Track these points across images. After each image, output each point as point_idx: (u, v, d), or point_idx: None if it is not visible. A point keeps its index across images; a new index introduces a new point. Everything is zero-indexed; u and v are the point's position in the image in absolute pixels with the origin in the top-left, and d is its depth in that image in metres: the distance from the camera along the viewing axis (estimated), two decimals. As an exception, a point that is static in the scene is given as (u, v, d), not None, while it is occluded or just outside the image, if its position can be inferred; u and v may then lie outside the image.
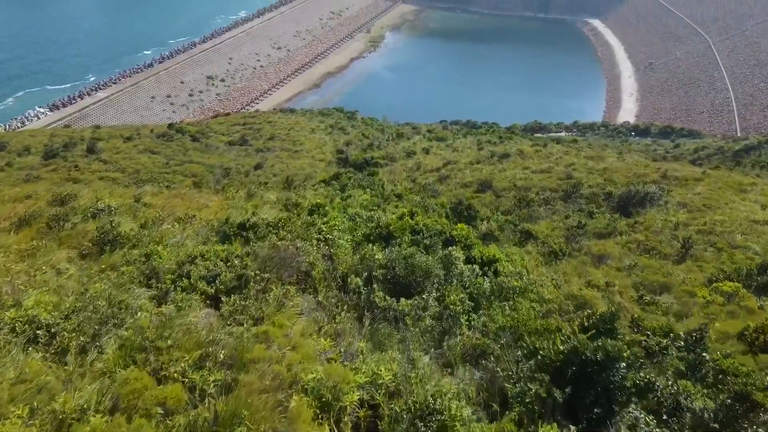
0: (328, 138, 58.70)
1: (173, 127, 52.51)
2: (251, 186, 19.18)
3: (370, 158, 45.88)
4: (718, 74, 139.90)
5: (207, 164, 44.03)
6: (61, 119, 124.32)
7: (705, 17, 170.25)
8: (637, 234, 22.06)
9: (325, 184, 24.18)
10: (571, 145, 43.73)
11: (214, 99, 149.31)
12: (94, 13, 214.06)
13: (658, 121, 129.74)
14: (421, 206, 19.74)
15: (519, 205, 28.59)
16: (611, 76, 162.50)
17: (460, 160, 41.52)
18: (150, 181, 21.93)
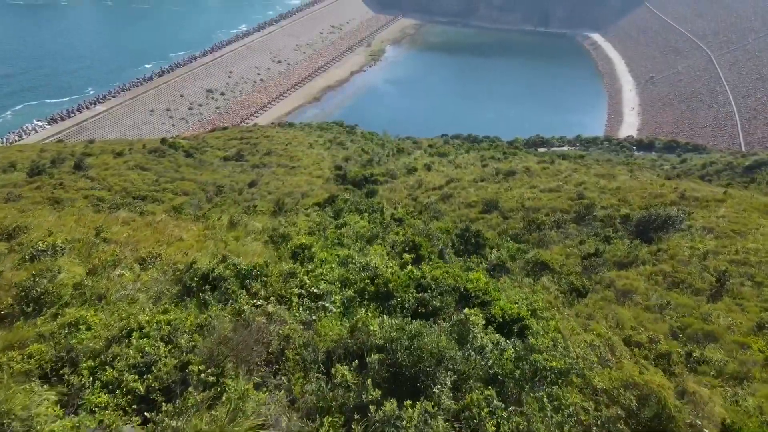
0: (326, 153, 56.71)
1: (166, 142, 50.55)
2: (235, 213, 17.06)
3: (369, 175, 43.84)
4: (720, 88, 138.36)
5: (199, 181, 41.98)
6: (59, 133, 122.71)
7: (706, 31, 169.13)
8: (662, 264, 19.90)
9: (319, 208, 22.12)
10: (579, 162, 41.72)
11: (214, 112, 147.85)
12: (96, 28, 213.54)
13: (661, 135, 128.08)
14: (424, 235, 17.63)
15: (529, 228, 26.46)
16: (612, 89, 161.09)
17: (463, 178, 39.45)
18: (126, 205, 19.94)
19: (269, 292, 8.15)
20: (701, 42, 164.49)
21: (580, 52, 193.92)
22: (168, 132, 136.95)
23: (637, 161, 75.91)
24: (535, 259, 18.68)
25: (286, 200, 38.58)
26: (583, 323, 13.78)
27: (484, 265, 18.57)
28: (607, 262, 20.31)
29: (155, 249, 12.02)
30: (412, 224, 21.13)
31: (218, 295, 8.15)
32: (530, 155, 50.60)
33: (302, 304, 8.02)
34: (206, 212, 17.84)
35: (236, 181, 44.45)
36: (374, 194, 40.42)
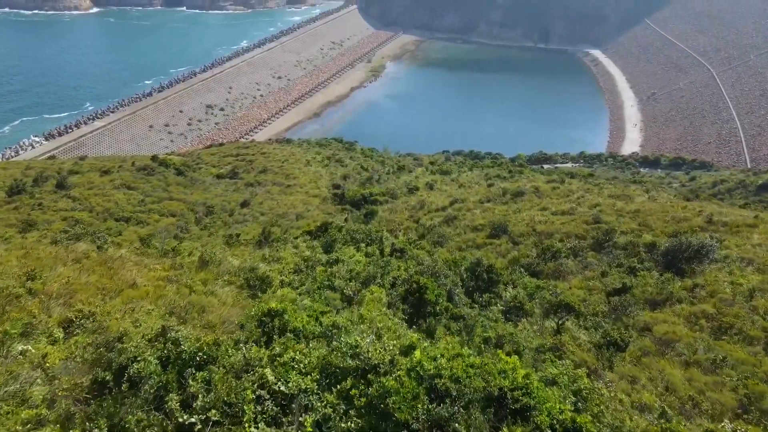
0: (324, 171, 54.22)
1: (156, 160, 48.08)
2: (211, 247, 14.39)
3: (368, 195, 41.29)
4: (723, 104, 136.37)
5: (188, 201, 39.41)
6: (57, 148, 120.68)
7: (707, 48, 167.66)
8: (702, 303, 17.23)
9: (311, 237, 19.53)
10: (590, 182, 39.20)
11: (213, 128, 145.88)
12: (98, 44, 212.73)
13: (664, 152, 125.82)
14: (429, 273, 15.04)
15: (543, 257, 23.79)
16: (614, 105, 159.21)
17: (468, 198, 36.87)
18: (89, 234, 17.42)
19: (212, 399, 5.54)
20: (702, 58, 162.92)
21: (580, 68, 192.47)
22: (166, 148, 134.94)
23: (644, 178, 73.43)
24: (558, 300, 16.03)
25: (280, 222, 35.99)
26: (626, 388, 11.10)
27: (500, 307, 15.92)
28: (638, 301, 17.63)
29: (93, 303, 9.40)
30: (415, 256, 18.51)
31: (140, 400, 5.53)
32: (537, 174, 48.06)
33: (261, 413, 5.41)
34: (177, 246, 15.26)
35: (228, 200, 41.89)
36: (373, 215, 37.85)
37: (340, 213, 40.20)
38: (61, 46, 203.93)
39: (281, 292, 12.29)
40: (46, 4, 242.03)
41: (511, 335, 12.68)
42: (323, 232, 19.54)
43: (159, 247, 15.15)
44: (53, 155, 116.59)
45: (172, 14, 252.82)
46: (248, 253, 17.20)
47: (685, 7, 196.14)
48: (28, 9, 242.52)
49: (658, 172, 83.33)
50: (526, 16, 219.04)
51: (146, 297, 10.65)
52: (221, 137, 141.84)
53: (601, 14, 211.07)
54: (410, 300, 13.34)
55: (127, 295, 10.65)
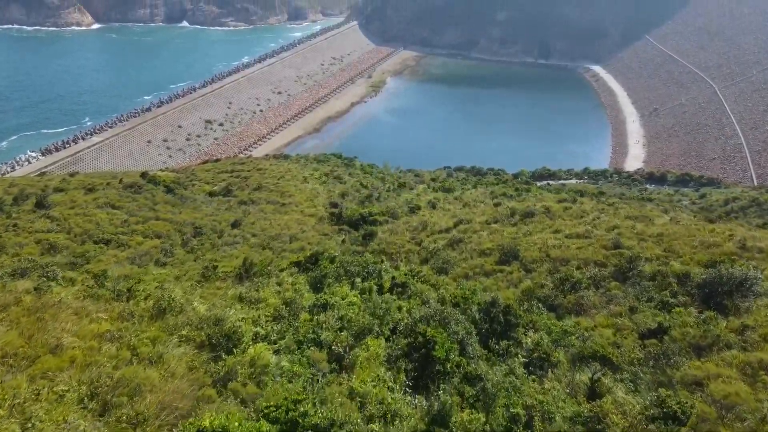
0: (321, 188, 51.69)
1: (146, 177, 45.58)
2: (167, 292, 11.69)
3: (367, 214, 38.68)
4: (727, 120, 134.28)
5: (176, 221, 36.79)
6: (54, 164, 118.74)
7: (708, 63, 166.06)
8: (758, 351, 14.52)
9: (299, 269, 16.91)
10: (603, 201, 36.65)
11: (212, 143, 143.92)
12: (99, 59, 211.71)
13: (668, 167, 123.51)
14: (437, 320, 12.41)
15: (561, 288, 21.12)
16: (616, 121, 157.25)
17: (473, 219, 34.26)
18: (37, 269, 14.91)
19: None
20: (704, 74, 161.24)
21: (581, 84, 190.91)
22: (164, 163, 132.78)
23: (652, 195, 70.87)
24: (589, 350, 13.36)
25: (272, 244, 33.36)
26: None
27: (521, 359, 13.24)
28: (681, 348, 14.92)
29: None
30: (419, 292, 15.86)
31: None
32: (546, 192, 45.48)
33: None
34: (134, 285, 12.68)
35: (219, 220, 39.28)
36: (372, 237, 35.22)
37: (336, 234, 37.60)
38: (62, 61, 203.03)
39: (253, 351, 9.66)
40: (47, 21, 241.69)
41: (542, 404, 10.03)
42: (313, 264, 16.95)
43: (112, 289, 12.58)
44: (49, 171, 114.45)
45: (173, 30, 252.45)
46: (226, 289, 14.59)
47: (685, 24, 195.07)
48: (29, 25, 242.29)
49: (665, 189, 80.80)
50: (526, 32, 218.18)
51: (69, 367, 7.99)
52: (220, 152, 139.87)
53: (601, 30, 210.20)
54: (415, 356, 10.67)
55: (43, 364, 7.99)
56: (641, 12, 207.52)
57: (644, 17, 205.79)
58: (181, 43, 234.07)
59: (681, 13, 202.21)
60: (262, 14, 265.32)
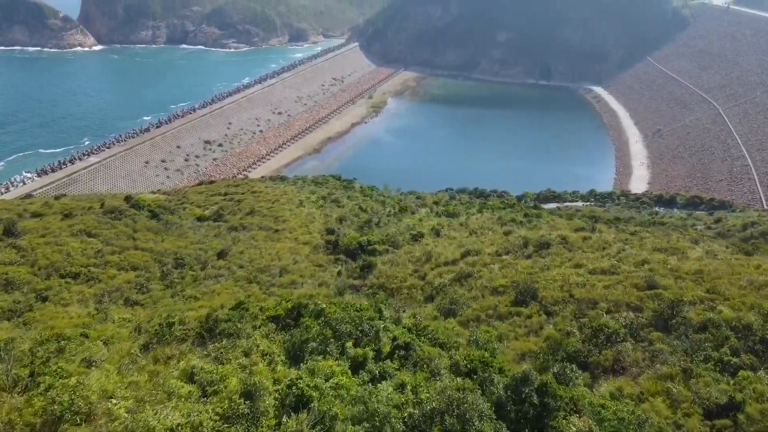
0: (318, 213, 48.34)
1: (130, 200, 42.29)
2: (80, 390, 8.18)
3: (366, 243, 35.30)
4: (732, 141, 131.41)
5: (157, 251, 33.38)
6: (49, 184, 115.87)
7: (711, 85, 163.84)
8: None
9: (277, 326, 13.52)
10: (624, 229, 33.29)
11: (211, 164, 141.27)
12: (100, 80, 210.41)
13: (674, 189, 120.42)
14: (452, 412, 9.00)
15: (594, 340, 17.63)
16: (619, 142, 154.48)
17: (482, 249, 30.83)
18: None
19: None
20: (707, 95, 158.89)
21: (583, 105, 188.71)
22: (162, 184, 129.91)
23: (663, 219, 67.54)
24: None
25: (260, 277, 29.90)
26: None
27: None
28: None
29: None
30: (426, 357, 12.40)
31: None
32: (557, 218, 42.10)
33: None
34: (40, 368, 9.28)
35: (205, 248, 35.87)
36: (371, 269, 31.79)
37: (332, 264, 34.17)
38: (62, 82, 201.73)
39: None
40: (50, 42, 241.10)
41: None
42: (295, 320, 13.55)
43: (4, 376, 9.12)
44: (44, 192, 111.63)
45: (175, 51, 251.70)
46: (178, 359, 11.17)
47: (687, 46, 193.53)
48: (32, 46, 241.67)
49: (676, 212, 77.49)
50: (526, 53, 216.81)
51: None
52: (218, 173, 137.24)
53: (601, 52, 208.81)
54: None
55: None
56: (641, 34, 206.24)
57: (644, 39, 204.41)
58: (181, 64, 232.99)
59: (681, 35, 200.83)
60: (263, 36, 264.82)
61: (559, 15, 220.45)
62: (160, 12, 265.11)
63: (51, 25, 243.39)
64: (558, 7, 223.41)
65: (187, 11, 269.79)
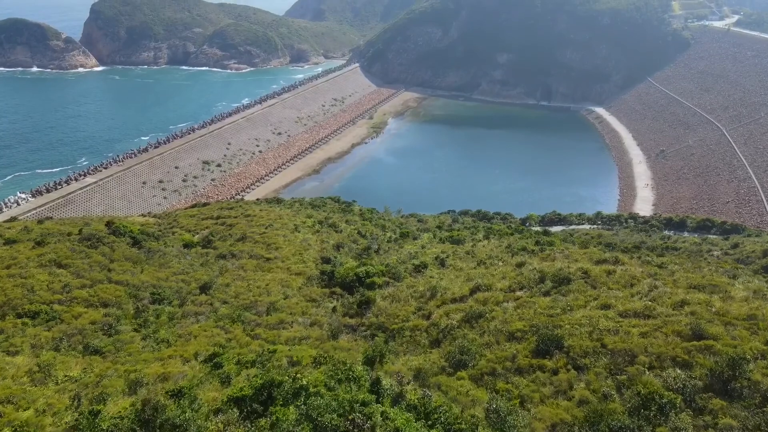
0: (314, 238, 44.99)
1: (111, 226, 38.99)
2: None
3: (364, 275, 31.91)
4: (738, 162, 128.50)
5: (133, 284, 29.96)
6: (43, 205, 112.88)
7: (714, 106, 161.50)
8: None
9: (240, 413, 10.11)
10: (649, 260, 29.92)
11: (209, 184, 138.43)
12: (100, 101, 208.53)
13: (681, 211, 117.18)
14: None
15: (643, 412, 14.15)
16: (622, 163, 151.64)
17: (493, 284, 27.41)
18: None
19: None
20: (710, 116, 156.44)
21: (585, 126, 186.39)
22: (159, 205, 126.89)
23: (677, 244, 64.11)
24: None
25: (243, 316, 26.42)
26: None
27: None
28: None
29: None
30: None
31: None
32: (571, 245, 38.73)
33: None
34: None
35: (188, 280, 32.47)
36: (369, 305, 28.35)
37: (327, 299, 30.74)
38: (62, 102, 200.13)
39: None
40: (51, 63, 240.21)
41: None
42: (263, 404, 10.18)
43: None
44: (38, 213, 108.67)
45: (176, 72, 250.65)
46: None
47: (688, 67, 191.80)
48: (34, 67, 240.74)
49: (689, 236, 74.07)
50: (527, 74, 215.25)
51: None
52: (217, 194, 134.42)
53: (602, 73, 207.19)
54: None
55: None
56: (642, 56, 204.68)
57: (645, 61, 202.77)
58: (182, 84, 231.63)
59: (682, 56, 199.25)
60: (264, 57, 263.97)
61: (559, 37, 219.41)
62: (163, 34, 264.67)
63: (53, 47, 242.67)
64: (558, 29, 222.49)
65: (189, 33, 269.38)
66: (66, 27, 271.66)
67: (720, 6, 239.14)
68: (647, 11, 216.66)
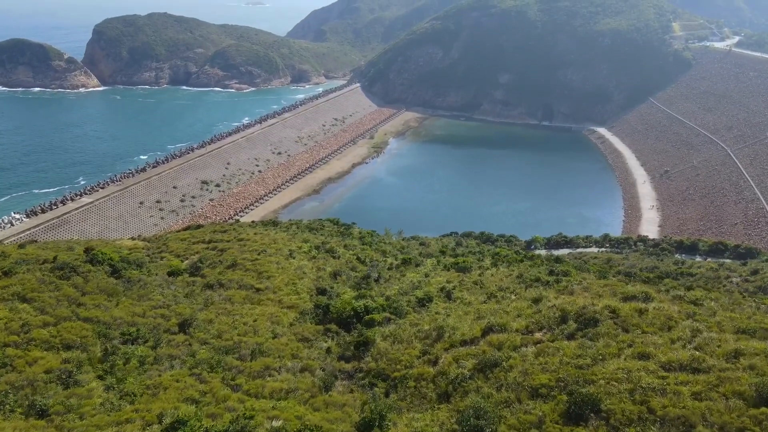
0: (309, 266, 41.64)
1: (89, 253, 35.74)
2: None
3: (362, 310, 28.57)
4: (745, 183, 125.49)
5: (104, 321, 26.58)
6: (38, 226, 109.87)
7: (717, 126, 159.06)
8: None
9: None
10: (682, 295, 26.53)
11: (207, 204, 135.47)
12: (100, 120, 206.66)
13: (688, 233, 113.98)
14: None
15: None
16: (625, 183, 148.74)
17: (508, 323, 24.03)
18: None
19: None
20: (714, 136, 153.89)
21: (587, 146, 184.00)
22: (156, 225, 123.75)
23: (692, 269, 60.76)
24: None
25: (224, 362, 23.01)
26: None
27: None
28: None
29: None
30: None
31: None
32: (588, 274, 35.35)
33: None
34: None
35: (168, 315, 29.08)
36: (368, 346, 24.97)
37: (321, 337, 27.37)
38: (61, 121, 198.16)
39: None
40: (53, 83, 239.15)
41: None
42: None
43: None
44: (31, 234, 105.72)
45: (177, 92, 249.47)
46: None
47: (690, 87, 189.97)
48: (35, 87, 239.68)
49: (698, 260, 70.76)
50: (528, 94, 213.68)
51: None
52: (215, 214, 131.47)
53: (604, 93, 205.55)
54: None
55: None
56: (643, 76, 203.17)
57: (647, 81, 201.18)
58: (183, 104, 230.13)
59: (684, 77, 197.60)
60: (265, 77, 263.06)
61: (560, 57, 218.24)
62: (164, 54, 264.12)
63: (55, 66, 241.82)
64: (558, 49, 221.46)
65: (191, 53, 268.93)
66: (69, 47, 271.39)
67: (720, 27, 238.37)
68: (648, 32, 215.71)
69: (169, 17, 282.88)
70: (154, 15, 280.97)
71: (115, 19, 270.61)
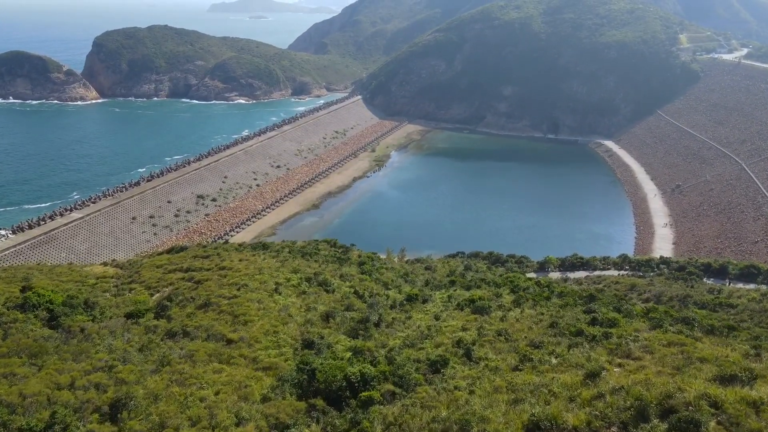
0: (298, 303, 34.57)
1: (26, 291, 28.74)
2: None
3: (357, 379, 21.41)
4: (763, 198, 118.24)
5: (9, 402, 19.44)
6: (24, 242, 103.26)
7: (730, 139, 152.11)
8: None
9: None
10: (737, 341, 19.52)
11: (202, 219, 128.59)
12: (99, 133, 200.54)
13: (703, 251, 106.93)
14: None
15: None
16: (636, 198, 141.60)
17: (559, 413, 16.82)
18: None
19: None
20: (727, 150, 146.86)
21: (595, 159, 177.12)
22: (148, 241, 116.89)
23: (731, 299, 53.41)
24: None
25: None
26: None
27: None
28: None
29: None
30: None
31: None
32: (638, 323, 28.14)
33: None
34: None
35: (106, 384, 21.93)
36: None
37: (303, 419, 20.11)
38: (58, 134, 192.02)
39: None
40: (52, 95, 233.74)
41: None
42: None
43: None
44: (17, 251, 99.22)
45: (176, 104, 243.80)
46: None
47: (699, 100, 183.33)
48: (34, 99, 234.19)
49: (731, 285, 63.43)
50: (533, 107, 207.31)
51: None
52: (210, 229, 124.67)
53: (610, 106, 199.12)
54: None
55: None
56: (651, 88, 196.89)
57: (654, 93, 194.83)
58: (182, 116, 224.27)
59: (692, 89, 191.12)
60: (266, 89, 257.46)
61: (565, 69, 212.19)
62: (164, 66, 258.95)
63: (54, 79, 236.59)
64: (563, 61, 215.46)
65: (191, 65, 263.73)
66: (69, 60, 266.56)
67: (728, 39, 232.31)
68: (655, 44, 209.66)
69: (169, 30, 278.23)
70: (154, 27, 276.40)
71: (115, 32, 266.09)
